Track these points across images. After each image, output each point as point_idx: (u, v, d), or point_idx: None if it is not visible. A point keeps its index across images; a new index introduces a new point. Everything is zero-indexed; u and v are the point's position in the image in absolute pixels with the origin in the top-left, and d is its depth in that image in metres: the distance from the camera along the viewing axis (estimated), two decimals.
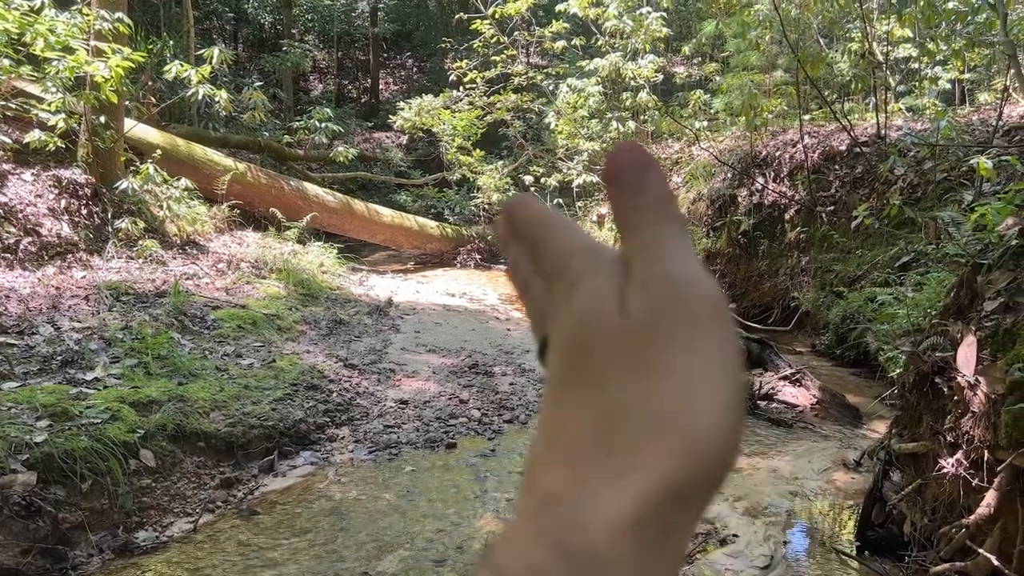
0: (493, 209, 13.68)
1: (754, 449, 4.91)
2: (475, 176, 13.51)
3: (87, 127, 7.60)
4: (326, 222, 11.10)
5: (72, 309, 5.67)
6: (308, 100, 19.35)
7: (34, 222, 6.77)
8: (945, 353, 2.57)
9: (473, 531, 3.74)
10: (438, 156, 15.01)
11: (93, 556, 3.39)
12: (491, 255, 13.36)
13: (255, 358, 5.55)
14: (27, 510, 3.32)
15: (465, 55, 13.14)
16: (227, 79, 12.42)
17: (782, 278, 8.07)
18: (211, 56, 7.87)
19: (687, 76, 13.69)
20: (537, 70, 12.89)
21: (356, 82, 23.44)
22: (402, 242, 12.96)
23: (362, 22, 22.45)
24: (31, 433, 3.58)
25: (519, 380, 6.30)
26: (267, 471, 4.34)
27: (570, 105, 11.67)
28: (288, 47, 16.46)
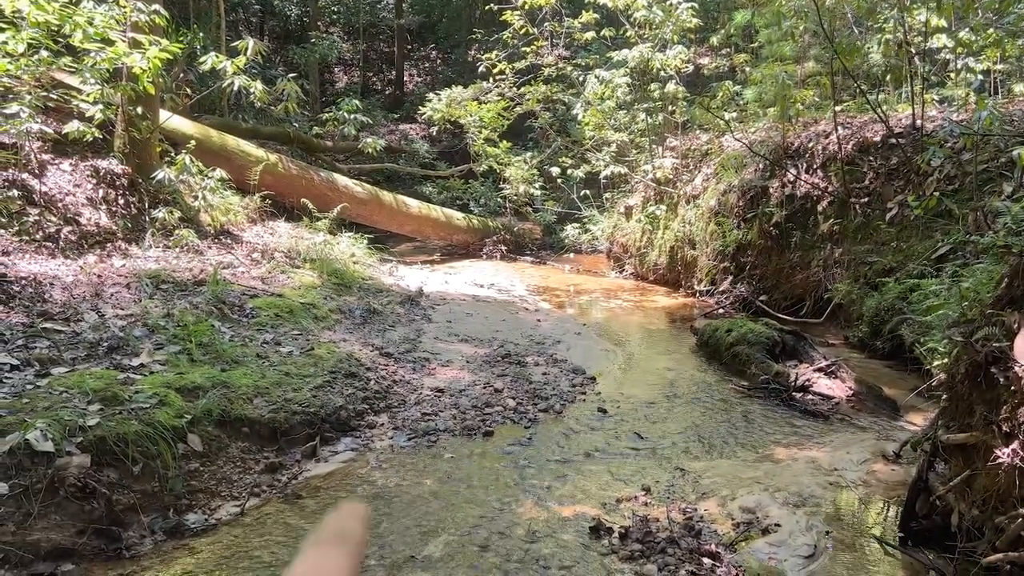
0: (519, 201, 13.69)
1: (792, 440, 4.90)
2: (502, 168, 13.52)
3: (124, 118, 7.70)
4: (355, 213, 11.17)
5: (114, 297, 5.76)
6: (334, 92, 19.45)
7: (74, 211, 6.88)
8: (1000, 343, 2.55)
9: (515, 517, 3.77)
10: (463, 148, 15.04)
11: (146, 537, 3.46)
12: (517, 247, 13.39)
13: (294, 346, 5.61)
14: (82, 491, 3.40)
15: (492, 47, 13.13)
16: (255, 71, 12.50)
17: (815, 270, 8.01)
18: (245, 48, 7.93)
19: (715, 67, 13.59)
20: (566, 61, 12.86)
21: (381, 74, 23.51)
22: (429, 233, 13.02)
23: (387, 14, 22.49)
24: (84, 417, 3.66)
25: (552, 370, 6.32)
26: (309, 456, 4.40)
27: (598, 96, 11.63)
28: (316, 39, 16.54)
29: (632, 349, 7.33)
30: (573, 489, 4.14)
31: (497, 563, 3.32)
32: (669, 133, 11.68)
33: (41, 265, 5.92)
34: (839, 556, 3.46)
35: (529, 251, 13.51)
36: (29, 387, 3.99)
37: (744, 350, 6.42)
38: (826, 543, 3.54)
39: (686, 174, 10.74)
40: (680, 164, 10.88)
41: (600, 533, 3.58)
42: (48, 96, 6.93)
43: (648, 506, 3.92)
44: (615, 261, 11.84)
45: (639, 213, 11.17)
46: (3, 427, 3.42)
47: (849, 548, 3.55)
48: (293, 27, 20.26)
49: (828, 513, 3.88)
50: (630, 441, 4.88)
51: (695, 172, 10.57)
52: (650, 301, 9.76)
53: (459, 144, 16.00)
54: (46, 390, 3.92)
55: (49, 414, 3.57)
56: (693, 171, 10.66)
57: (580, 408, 5.49)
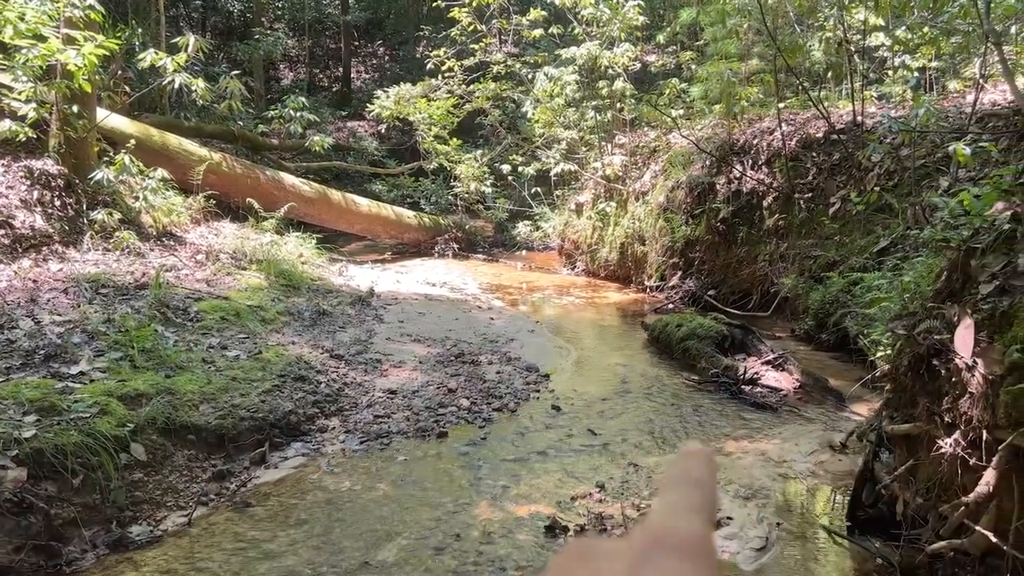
0: (471, 199, 13.65)
1: (742, 433, 4.98)
2: (452, 165, 13.46)
3: (59, 117, 7.44)
4: (303, 212, 11.00)
5: (51, 302, 5.56)
6: (279, 89, 19.10)
7: (6, 214, 6.62)
8: (941, 336, 2.62)
9: (470, 519, 3.75)
10: (413, 145, 14.92)
11: (87, 551, 3.34)
12: (469, 245, 13.35)
13: (241, 350, 5.49)
14: (19, 506, 3.27)
15: (440, 43, 13.05)
16: (198, 68, 12.21)
17: (761, 264, 8.15)
18: (186, 44, 7.73)
19: (661, 64, 13.73)
20: (515, 59, 12.85)
21: (327, 71, 23.18)
22: (379, 232, 12.89)
23: (333, 10, 22.18)
24: (19, 428, 3.52)
25: (505, 368, 6.31)
26: (259, 463, 4.31)
27: (547, 94, 11.65)
28: (260, 35, 16.23)
29: (585, 345, 7.37)
30: (528, 488, 4.13)
31: (452, 566, 3.29)
32: (618, 130, 11.77)
33: None
34: (789, 547, 3.52)
35: (481, 249, 13.48)
36: None
37: (694, 344, 6.49)
38: (776, 534, 3.60)
39: (635, 171, 10.83)
40: (629, 161, 10.97)
41: (555, 532, 3.58)
42: None
43: (603, 503, 3.94)
44: (567, 258, 11.88)
45: (590, 210, 11.23)
46: None
47: (799, 539, 3.61)
48: (236, 23, 19.83)
49: (778, 504, 3.95)
50: (584, 438, 4.89)
51: (644, 169, 10.67)
52: (602, 297, 9.82)
53: (409, 141, 15.87)
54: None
55: None
56: (642, 168, 10.75)
57: (534, 406, 5.49)
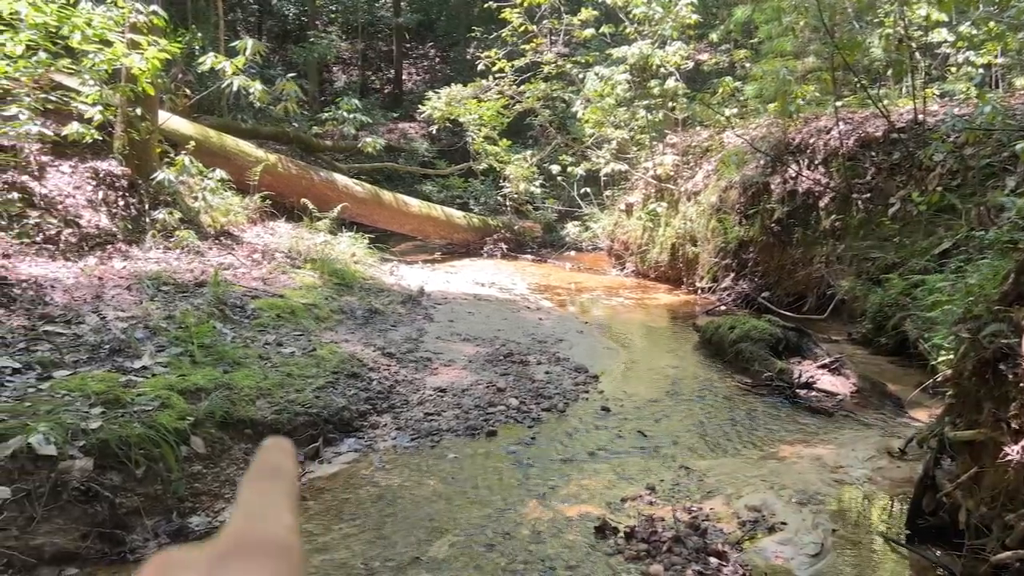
0: (520, 199, 13.67)
1: (796, 437, 4.89)
2: (502, 166, 13.50)
3: (123, 119, 7.68)
4: (355, 212, 11.15)
5: (115, 299, 5.74)
6: (333, 91, 19.41)
7: (74, 213, 6.86)
8: (1009, 339, 2.54)
9: (519, 518, 3.75)
10: (463, 146, 15.02)
11: (149, 540, 3.44)
12: (518, 245, 13.37)
13: (296, 347, 5.60)
14: (85, 495, 3.38)
15: (491, 44, 13.10)
16: (254, 71, 12.48)
17: (817, 266, 7.99)
18: (244, 48, 7.91)
19: (715, 63, 13.56)
20: (565, 58, 12.83)
21: (380, 73, 23.47)
22: (429, 232, 13.00)
23: (385, 12, 22.46)
24: (86, 420, 3.64)
25: (554, 369, 6.31)
26: (313, 458, 4.39)
27: (597, 93, 11.61)
28: (314, 38, 16.51)
29: (635, 347, 7.32)
30: (577, 488, 4.12)
31: (502, 564, 3.30)
32: (669, 130, 11.66)
33: (42, 268, 5.91)
34: (845, 554, 3.45)
35: (530, 249, 13.48)
36: (31, 390, 3.98)
37: (747, 347, 6.40)
38: (832, 540, 3.53)
39: (687, 171, 10.72)
40: (681, 161, 10.86)
41: (605, 533, 3.56)
42: (47, 98, 6.91)
43: (653, 505, 3.91)
44: (616, 259, 11.82)
45: (640, 210, 11.15)
46: (5, 431, 3.40)
47: (855, 546, 3.53)
48: (291, 26, 20.24)
49: (834, 511, 3.86)
50: (634, 440, 4.86)
51: (696, 169, 10.55)
52: (652, 298, 9.74)
53: (459, 142, 15.98)
54: (48, 393, 3.91)
55: (51, 417, 3.55)
56: (694, 168, 10.64)
57: (583, 407, 5.48)
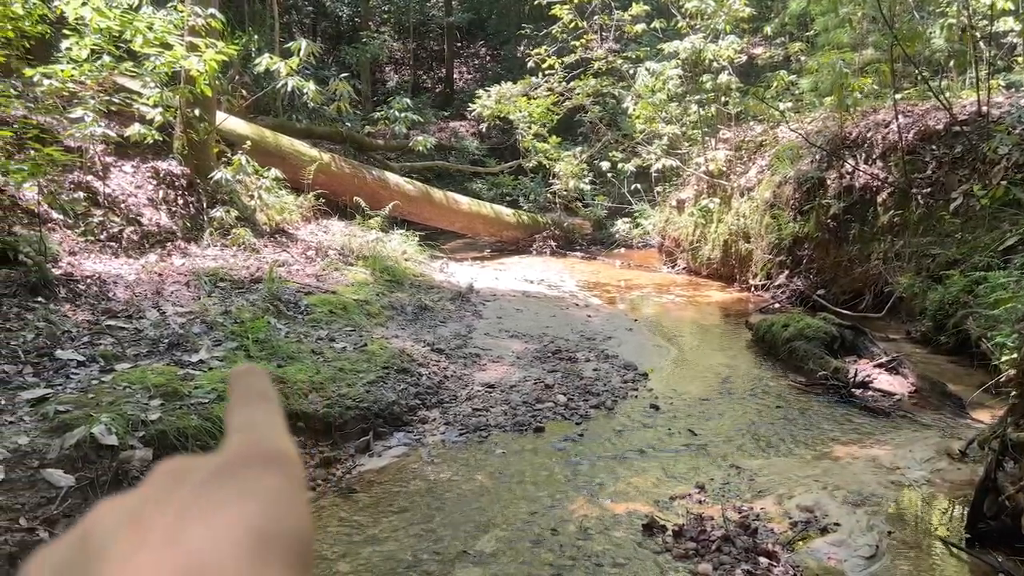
0: (569, 196, 13.64)
1: (851, 437, 4.78)
2: (551, 163, 13.48)
3: (182, 120, 7.90)
4: (406, 210, 11.26)
5: (174, 295, 5.92)
6: (385, 91, 19.64)
7: (136, 212, 7.09)
8: None
9: (567, 514, 3.75)
10: (513, 144, 15.04)
11: None
12: (567, 242, 13.34)
13: (347, 342, 5.69)
14: None
15: (541, 41, 13.09)
16: (308, 71, 12.70)
17: (874, 263, 7.79)
18: (298, 49, 8.06)
19: (769, 57, 13.32)
20: (616, 54, 12.75)
21: (431, 72, 23.65)
22: (479, 230, 13.05)
23: (437, 12, 22.62)
24: (146, 411, 3.76)
25: (603, 366, 6.28)
26: (363, 451, 4.45)
27: (649, 89, 11.50)
28: (367, 38, 16.73)
29: (685, 345, 7.24)
30: (625, 486, 4.10)
31: (550, 559, 3.31)
32: (722, 125, 11.49)
33: (105, 264, 6.12)
34: (902, 557, 3.36)
35: (579, 246, 13.44)
36: (94, 382, 4.13)
37: (801, 345, 6.28)
38: (887, 543, 3.44)
39: (740, 166, 10.55)
40: (733, 156, 10.70)
41: (653, 531, 3.54)
42: (111, 100, 7.14)
43: (702, 504, 3.86)
44: (667, 256, 11.70)
45: (691, 207, 11.01)
46: (70, 421, 3.54)
47: (913, 549, 3.44)
48: (345, 27, 20.52)
49: (890, 513, 3.77)
50: (683, 438, 4.81)
51: (749, 164, 10.38)
52: (703, 296, 9.62)
53: (508, 140, 16.00)
54: (110, 385, 4.05)
55: (113, 408, 3.68)
56: (747, 163, 10.47)
57: (632, 404, 5.44)
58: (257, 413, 0.35)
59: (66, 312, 5.04)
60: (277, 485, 0.30)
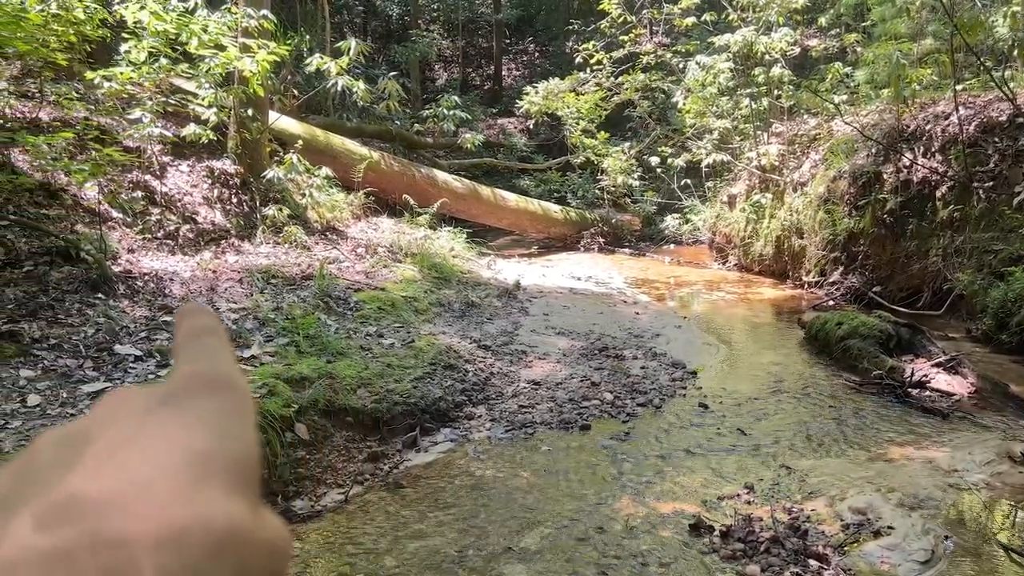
0: (618, 192, 13.55)
1: (907, 439, 4.65)
2: (599, 159, 13.40)
3: (236, 120, 8.07)
4: (454, 208, 11.33)
5: (228, 291, 6.05)
6: (434, 89, 19.77)
7: (191, 210, 7.27)
8: None
9: (612, 512, 3.73)
10: (561, 140, 15.00)
11: None
12: (615, 239, 13.25)
13: (395, 338, 5.75)
14: None
15: (590, 37, 13.02)
16: (359, 71, 12.85)
17: (933, 259, 7.56)
18: (348, 48, 8.16)
19: (823, 48, 13.00)
20: (665, 48, 12.60)
21: (479, 69, 23.73)
22: (526, 226, 13.05)
23: (485, 9, 22.67)
24: None
25: (650, 364, 6.22)
26: (410, 446, 4.50)
27: (699, 83, 11.35)
28: (416, 37, 16.85)
29: (735, 343, 7.13)
30: (672, 485, 4.06)
31: (594, 557, 3.29)
32: (774, 119, 11.28)
33: (162, 261, 6.28)
34: (959, 563, 3.26)
35: (628, 243, 13.34)
36: (151, 376, 4.25)
37: (856, 344, 6.13)
38: (944, 548, 3.34)
39: (793, 161, 10.34)
40: (786, 151, 10.49)
41: (700, 531, 3.49)
42: (167, 101, 7.33)
43: (751, 504, 3.80)
44: (718, 252, 11.54)
45: (743, 202, 10.84)
46: None
47: (971, 554, 3.33)
48: (395, 26, 20.71)
49: (947, 517, 3.66)
50: (733, 437, 4.74)
51: (802, 158, 10.17)
52: (755, 293, 9.46)
53: (556, 136, 15.97)
54: (165, 380, 4.15)
55: None
56: (800, 157, 10.25)
57: (680, 403, 5.39)
58: (204, 346, 0.35)
59: (125, 308, 5.20)
60: (221, 409, 0.30)
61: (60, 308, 4.86)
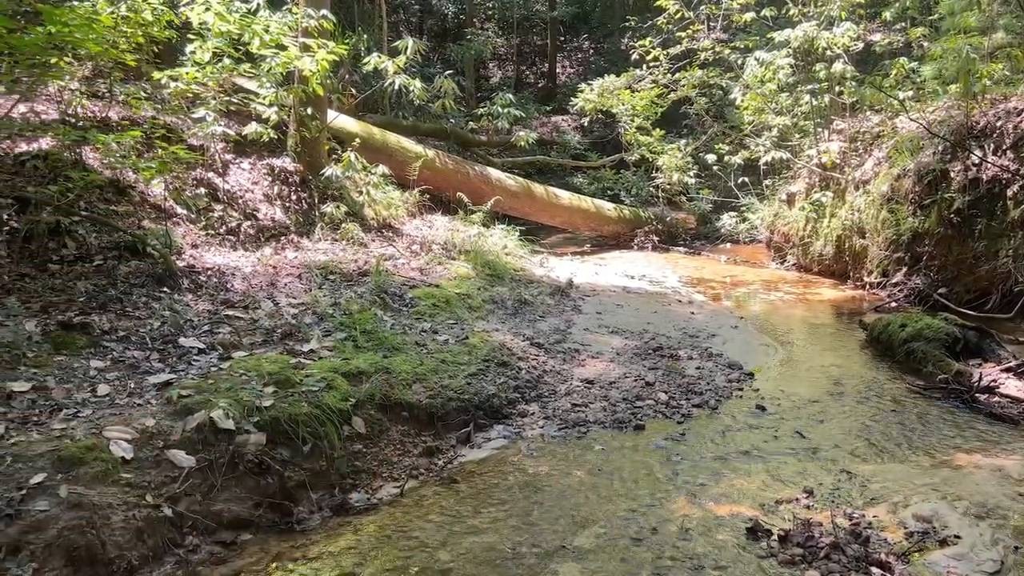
0: (673, 190, 13.40)
1: (975, 445, 4.50)
2: (654, 156, 13.26)
3: (295, 118, 8.22)
4: (507, 205, 11.35)
5: (287, 287, 6.18)
6: (488, 87, 19.83)
7: (252, 207, 7.44)
8: None
9: (667, 513, 3.70)
10: (615, 138, 14.90)
11: (314, 513, 3.69)
12: (670, 237, 13.11)
13: (449, 335, 5.79)
14: (258, 467, 3.67)
15: (646, 33, 12.90)
16: (414, 70, 12.97)
17: (1003, 260, 7.28)
18: (405, 47, 8.24)
19: (888, 43, 12.63)
20: (723, 44, 12.40)
21: (533, 67, 23.72)
22: (579, 224, 13.00)
23: (540, 7, 22.64)
24: (260, 398, 3.95)
25: (706, 364, 6.15)
26: (464, 442, 4.53)
27: (758, 79, 11.14)
28: (472, 35, 16.92)
29: (794, 344, 6.99)
30: (729, 488, 4.00)
31: (649, 558, 3.27)
32: (836, 115, 11.01)
33: (224, 257, 6.44)
34: None
35: (682, 241, 13.18)
36: (213, 369, 4.36)
37: (920, 347, 5.95)
38: (1015, 560, 3.22)
39: (855, 158, 10.08)
40: (848, 148, 10.23)
41: (758, 534, 3.44)
42: (230, 100, 7.50)
43: (810, 509, 3.73)
44: (775, 251, 11.32)
45: (802, 200, 10.61)
46: (191, 405, 3.75)
47: None
48: (450, 25, 20.84)
49: (1018, 527, 3.52)
50: (791, 441, 4.65)
51: (865, 156, 9.90)
52: (814, 294, 9.26)
53: (610, 134, 15.87)
54: (228, 372, 4.26)
55: (230, 394, 3.88)
56: (863, 155, 9.99)
57: (737, 404, 5.31)
58: None
59: (188, 302, 5.35)
60: None
61: (128, 301, 5.02)
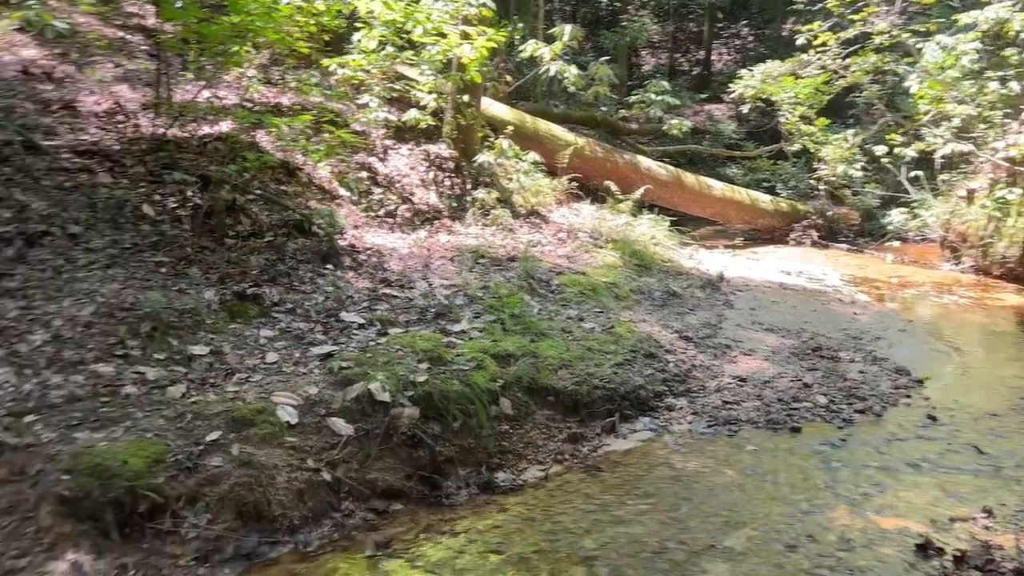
0: (836, 183, 12.65)
1: None
2: (817, 147, 12.55)
3: (452, 106, 8.39)
4: (656, 195, 11.10)
5: (440, 268, 6.33)
6: (640, 75, 19.51)
7: (408, 191, 7.68)
8: None
9: (825, 522, 3.49)
10: (773, 127, 14.22)
11: (461, 489, 3.76)
12: (830, 233, 12.39)
13: (595, 323, 5.73)
14: (411, 440, 3.78)
15: (814, 17, 12.20)
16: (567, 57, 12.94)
17: None
18: (561, 33, 8.21)
19: None
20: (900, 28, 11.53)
21: (688, 54, 23.09)
22: (731, 216, 12.54)
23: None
24: (414, 373, 4.06)
25: (870, 368, 5.76)
26: (609, 432, 4.47)
27: (938, 65, 10.27)
28: (627, 22, 16.69)
29: (970, 351, 6.42)
30: (894, 500, 3.73)
31: (805, 567, 3.09)
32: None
33: (382, 238, 6.69)
34: None
35: (844, 238, 12.42)
36: (371, 343, 4.54)
37: None
38: None
39: None
40: None
41: (928, 552, 3.18)
42: (392, 87, 7.76)
43: (989, 530, 3.40)
44: (950, 251, 10.44)
45: (984, 197, 9.72)
46: (351, 376, 3.91)
47: None
48: (604, 12, 20.63)
49: None
50: (967, 455, 4.27)
51: None
52: (994, 298, 8.47)
53: (769, 123, 15.16)
54: (385, 347, 4.42)
55: (387, 368, 4.01)
56: None
57: (904, 412, 4.93)
58: None
59: (349, 279, 5.59)
60: None
61: (295, 276, 5.31)
